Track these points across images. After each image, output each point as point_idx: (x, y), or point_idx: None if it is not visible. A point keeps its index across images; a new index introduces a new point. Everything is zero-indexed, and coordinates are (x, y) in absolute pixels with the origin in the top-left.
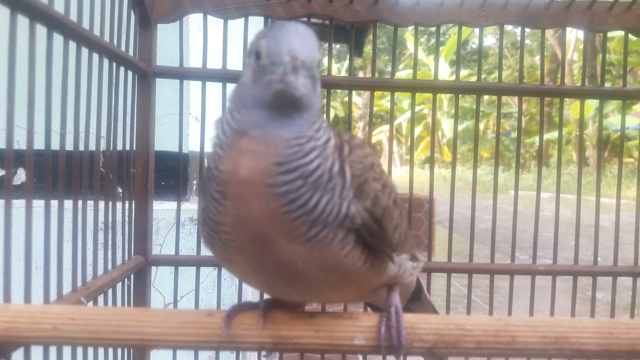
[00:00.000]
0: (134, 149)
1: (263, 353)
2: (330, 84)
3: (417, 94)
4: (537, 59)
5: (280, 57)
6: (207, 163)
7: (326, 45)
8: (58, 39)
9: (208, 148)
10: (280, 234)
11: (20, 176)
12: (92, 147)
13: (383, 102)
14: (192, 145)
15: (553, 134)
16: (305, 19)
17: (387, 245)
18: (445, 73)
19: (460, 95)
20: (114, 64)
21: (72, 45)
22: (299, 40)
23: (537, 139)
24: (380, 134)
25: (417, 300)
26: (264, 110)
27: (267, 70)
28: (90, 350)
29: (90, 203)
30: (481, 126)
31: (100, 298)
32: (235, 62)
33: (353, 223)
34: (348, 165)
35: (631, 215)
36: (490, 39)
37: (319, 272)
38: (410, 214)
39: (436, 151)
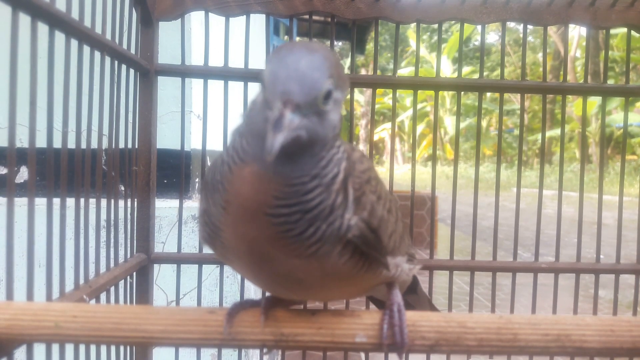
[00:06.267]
0: (136, 147)
1: (264, 350)
2: None
3: (419, 91)
4: (540, 56)
5: (274, 98)
6: (214, 168)
7: (328, 42)
8: (60, 37)
9: (210, 146)
10: (279, 251)
11: (23, 174)
12: (94, 145)
13: (385, 99)
14: (194, 143)
15: (556, 131)
16: (307, 17)
17: (382, 252)
18: (447, 70)
19: (462, 93)
20: (116, 62)
21: (74, 43)
22: (297, 76)
23: (539, 136)
24: (383, 131)
25: (413, 293)
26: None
27: (267, 105)
28: (93, 347)
29: (92, 201)
30: (483, 123)
31: (103, 296)
32: (237, 60)
33: (352, 235)
34: (350, 183)
35: (634, 213)
36: (492, 36)
37: (318, 279)
38: (412, 212)
39: (438, 149)
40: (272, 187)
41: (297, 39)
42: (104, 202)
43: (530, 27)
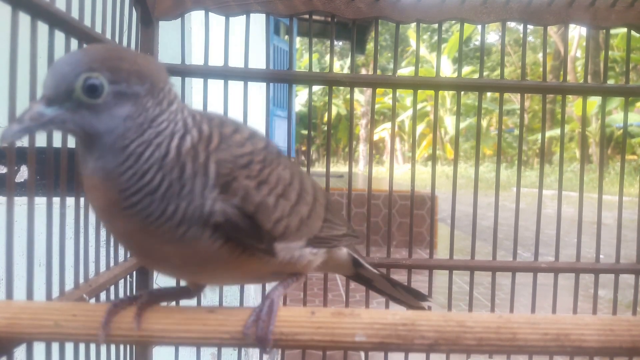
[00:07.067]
0: None
1: (267, 350)
2: (332, 82)
3: (419, 91)
4: (540, 56)
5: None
6: None
7: (328, 42)
8: (60, 36)
9: None
10: (151, 238)
11: (23, 173)
12: None
13: (385, 99)
14: None
15: (556, 131)
16: (307, 16)
17: (263, 238)
18: (447, 70)
19: (462, 93)
20: None
21: (74, 42)
22: (50, 72)
23: (539, 136)
24: (383, 131)
25: (360, 266)
26: (78, 145)
27: None
28: (93, 347)
29: None
30: (484, 123)
31: (103, 295)
32: (237, 60)
33: (217, 220)
34: (214, 163)
35: (634, 213)
36: (492, 36)
37: (198, 264)
38: (412, 212)
39: (438, 148)
40: (110, 185)
41: (297, 39)
42: None
43: (530, 27)
